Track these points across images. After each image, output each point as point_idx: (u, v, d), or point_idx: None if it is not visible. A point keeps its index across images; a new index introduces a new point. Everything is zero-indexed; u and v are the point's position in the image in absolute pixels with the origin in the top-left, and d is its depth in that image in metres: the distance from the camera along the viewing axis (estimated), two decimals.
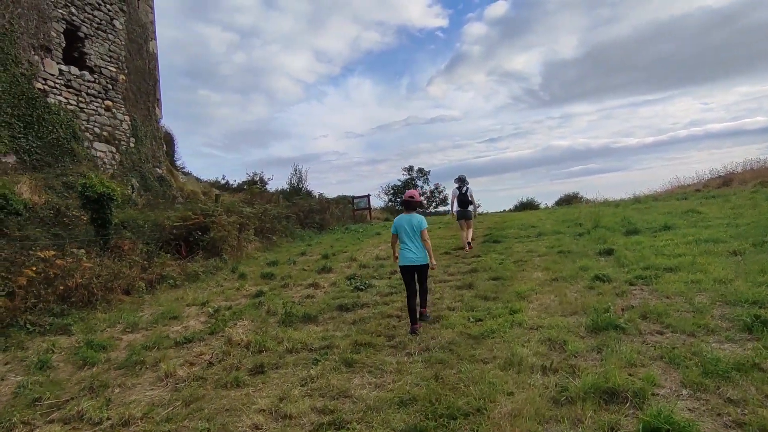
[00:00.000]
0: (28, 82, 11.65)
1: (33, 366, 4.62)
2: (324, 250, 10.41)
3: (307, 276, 8.11)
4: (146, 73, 16.12)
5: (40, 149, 11.65)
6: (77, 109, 13.07)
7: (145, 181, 14.85)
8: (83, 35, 13.54)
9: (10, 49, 11.27)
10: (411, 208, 5.20)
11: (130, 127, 15.04)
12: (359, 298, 6.40)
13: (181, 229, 9.62)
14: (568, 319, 4.49)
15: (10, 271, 6.24)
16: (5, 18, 11.23)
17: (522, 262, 7.33)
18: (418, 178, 32.72)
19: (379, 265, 8.35)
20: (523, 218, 13.90)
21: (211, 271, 8.80)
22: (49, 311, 6.20)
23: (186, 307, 6.67)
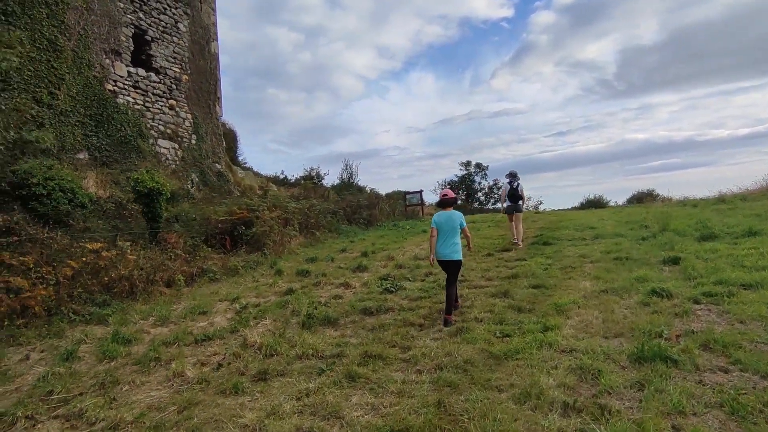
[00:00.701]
0: (100, 84, 12.50)
1: (61, 356, 4.80)
2: (365, 247, 10.17)
3: (341, 274, 7.91)
4: (207, 73, 16.80)
5: (109, 146, 12.48)
6: (143, 109, 13.87)
7: (205, 176, 15.50)
8: (150, 38, 14.33)
9: (84, 54, 12.14)
10: (447, 205, 5.43)
11: (192, 124, 15.76)
12: (386, 301, 6.06)
13: (227, 223, 9.83)
14: (610, 342, 3.84)
15: (61, 262, 6.62)
16: (80, 25, 12.10)
17: (570, 269, 6.59)
18: (476, 173, 31.59)
19: (415, 266, 7.94)
20: (582, 218, 12.76)
21: (251, 266, 8.88)
22: (92, 301, 6.51)
23: (217, 302, 6.72)
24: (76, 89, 11.77)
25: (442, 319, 4.97)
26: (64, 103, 11.39)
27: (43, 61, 11.10)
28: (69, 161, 11.16)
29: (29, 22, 10.88)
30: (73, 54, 11.83)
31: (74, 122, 11.59)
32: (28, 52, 10.83)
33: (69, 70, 11.65)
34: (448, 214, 5.33)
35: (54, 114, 11.12)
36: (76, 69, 11.84)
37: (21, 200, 9.04)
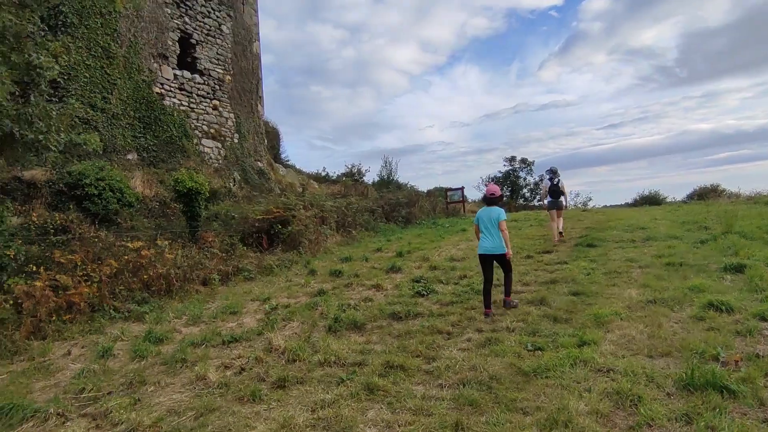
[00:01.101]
0: (148, 87, 13.04)
1: (97, 353, 4.98)
2: (401, 247, 10.00)
3: (374, 275, 7.78)
4: (250, 73, 17.15)
5: (156, 147, 13.00)
6: (188, 110, 14.35)
7: (246, 174, 15.88)
8: (195, 41, 14.78)
9: (134, 60, 12.69)
10: (492, 202, 5.63)
11: (234, 123, 16.16)
12: (416, 305, 5.87)
13: (264, 222, 9.96)
14: (655, 362, 3.45)
15: (104, 260, 6.92)
16: (131, 32, 12.66)
17: (615, 275, 6.11)
18: (520, 169, 30.44)
19: (450, 267, 7.68)
20: (634, 217, 11.91)
21: (285, 265, 8.95)
22: (132, 298, 6.76)
23: (249, 302, 6.79)
24: (126, 93, 12.33)
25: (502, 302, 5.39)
26: (115, 107, 11.97)
27: (97, 68, 11.69)
28: (119, 162, 11.74)
29: (85, 31, 11.49)
30: (125, 60, 12.40)
31: (124, 125, 12.15)
32: (84, 60, 11.45)
33: (120, 76, 12.22)
34: (488, 210, 5.54)
35: (106, 117, 11.70)
36: (126, 74, 12.41)
37: (75, 200, 9.58)
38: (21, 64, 4.78)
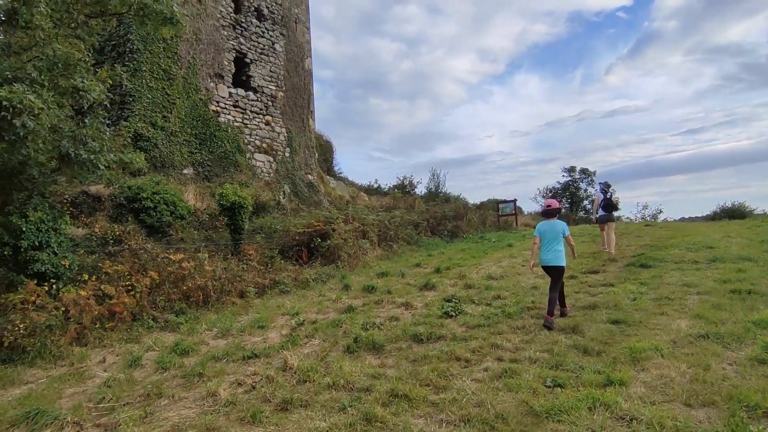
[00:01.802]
0: (205, 105, 13.83)
1: (127, 362, 5.20)
2: (440, 262, 9.70)
3: (406, 292, 7.58)
4: (301, 89, 17.71)
5: (211, 161, 13.71)
6: (242, 125, 15.04)
7: (296, 187, 16.31)
8: (249, 60, 15.51)
9: (192, 80, 13.54)
10: (551, 215, 5.75)
11: (286, 138, 16.71)
12: (441, 327, 5.60)
13: (304, 235, 10.10)
14: (692, 413, 2.97)
15: (148, 271, 7.31)
16: (190, 55, 13.53)
17: (666, 301, 5.45)
18: (581, 179, 28.70)
19: (486, 287, 7.29)
20: (703, 233, 10.70)
21: (322, 279, 8.98)
22: (171, 309, 7.07)
23: (279, 317, 6.85)
24: (184, 111, 13.15)
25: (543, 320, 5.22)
26: (174, 125, 12.79)
27: (159, 89, 12.59)
28: (176, 176, 12.49)
29: (149, 56, 12.43)
30: (184, 80, 13.26)
31: (182, 141, 12.94)
32: (147, 82, 12.37)
33: (179, 95, 13.07)
34: (551, 223, 5.65)
35: (165, 135, 12.53)
36: (185, 93, 13.24)
37: (133, 212, 10.28)
38: (68, 88, 5.15)
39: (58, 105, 5.59)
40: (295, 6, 17.60)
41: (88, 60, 5.67)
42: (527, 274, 7.79)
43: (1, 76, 4.92)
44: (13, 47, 5.34)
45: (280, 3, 16.81)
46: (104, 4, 6.36)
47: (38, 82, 5.10)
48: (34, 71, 5.12)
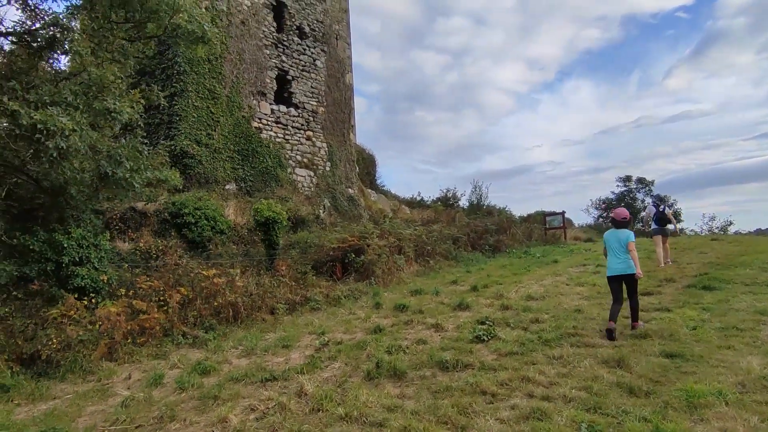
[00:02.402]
0: (247, 122, 14.19)
1: (149, 380, 5.19)
2: (478, 279, 9.21)
3: (438, 312, 7.19)
4: (342, 103, 17.83)
5: (253, 177, 13.99)
6: (283, 141, 15.29)
7: (336, 201, 16.32)
8: (291, 78, 15.82)
9: (236, 98, 13.95)
10: (619, 225, 5.77)
11: (326, 152, 16.82)
12: (470, 353, 5.19)
13: (338, 250, 9.96)
14: None
15: (181, 286, 7.40)
16: (233, 74, 13.98)
17: (734, 332, 4.73)
18: (637, 189, 26.73)
19: (524, 308, 6.76)
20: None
21: (354, 296, 8.77)
22: (201, 325, 7.09)
23: (305, 336, 6.68)
24: (227, 129, 13.54)
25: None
26: (217, 142, 13.18)
27: (203, 108, 13.05)
28: (219, 192, 12.82)
29: (195, 77, 12.94)
30: (227, 99, 13.68)
31: (225, 158, 13.30)
32: (193, 101, 12.86)
33: (223, 113, 13.48)
34: (615, 232, 5.71)
35: (209, 152, 12.93)
36: (228, 111, 13.65)
37: (176, 227, 10.60)
38: (101, 110, 5.29)
39: (92, 126, 5.76)
40: (336, 23, 17.84)
41: (121, 82, 5.83)
42: (571, 295, 7.18)
43: (40, 100, 5.11)
44: (53, 73, 5.57)
45: (321, 20, 17.09)
46: (141, 28, 6.56)
47: (73, 105, 5.27)
48: (70, 95, 5.30)
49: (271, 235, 9.43)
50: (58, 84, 5.43)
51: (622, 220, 5.76)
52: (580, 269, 9.53)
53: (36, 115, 4.68)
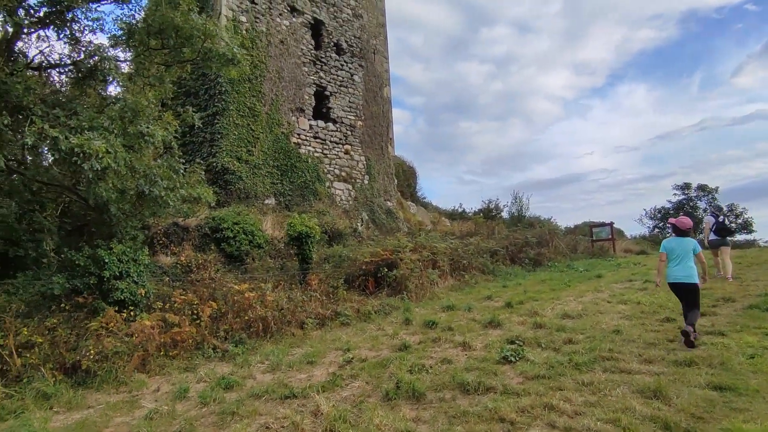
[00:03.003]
0: (286, 138, 14.58)
1: (174, 394, 5.32)
2: (514, 295, 8.83)
3: (468, 329, 6.93)
4: (380, 116, 17.95)
5: (292, 191, 14.31)
6: (322, 155, 15.57)
7: (374, 214, 16.34)
8: (329, 93, 16.14)
9: (275, 115, 14.39)
10: (681, 234, 5.69)
11: (365, 166, 16.95)
12: (495, 375, 4.93)
13: (371, 264, 9.91)
14: None
15: (214, 300, 7.60)
16: (273, 92, 14.45)
17: None
18: (698, 197, 24.71)
19: (558, 327, 6.37)
20: None
21: (385, 311, 8.65)
22: (232, 338, 7.23)
23: (331, 352, 6.63)
24: (267, 145, 13.96)
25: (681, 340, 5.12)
26: (257, 158, 13.62)
27: (244, 125, 13.55)
28: (259, 206, 13.19)
29: (236, 96, 13.48)
30: (267, 116, 14.14)
31: (264, 173, 13.70)
32: (234, 120, 13.39)
33: (263, 130, 13.94)
34: (680, 240, 5.64)
35: (249, 168, 13.37)
36: (268, 128, 14.09)
37: (215, 242, 10.99)
38: (135, 133, 5.58)
39: (130, 148, 6.07)
40: (373, 38, 18.08)
41: (155, 107, 6.12)
42: (611, 314, 6.69)
43: (80, 126, 5.45)
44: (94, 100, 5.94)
45: (359, 36, 17.38)
46: (177, 53, 6.89)
47: (109, 130, 5.57)
48: (107, 120, 5.61)
49: (304, 249, 9.54)
50: (97, 110, 5.78)
51: (686, 228, 5.67)
52: (625, 285, 8.90)
53: (74, 139, 4.97)
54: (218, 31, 6.75)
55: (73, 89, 5.93)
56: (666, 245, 5.74)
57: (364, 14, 17.79)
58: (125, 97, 5.85)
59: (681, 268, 5.46)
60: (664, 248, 5.75)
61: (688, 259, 5.46)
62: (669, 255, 5.64)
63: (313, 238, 9.62)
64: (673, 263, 5.56)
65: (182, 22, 6.44)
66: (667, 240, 5.84)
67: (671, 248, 5.63)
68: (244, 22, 13.74)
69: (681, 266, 5.47)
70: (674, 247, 5.60)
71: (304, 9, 15.59)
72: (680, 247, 5.55)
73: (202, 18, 6.53)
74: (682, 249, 5.52)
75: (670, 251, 5.64)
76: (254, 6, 14.10)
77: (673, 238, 5.75)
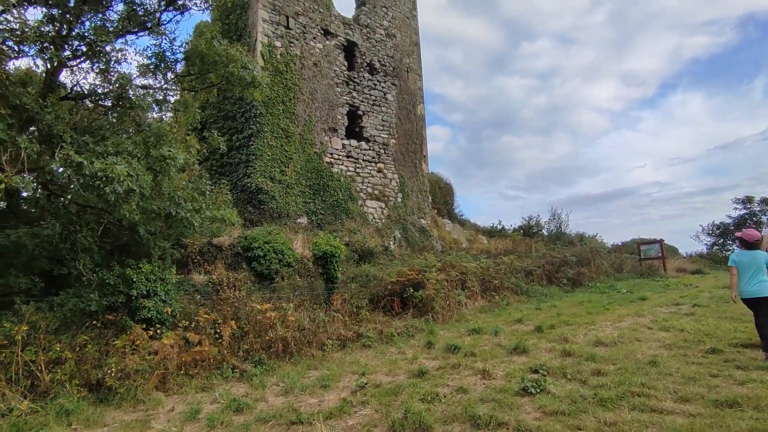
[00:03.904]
0: (319, 158, 14.80)
1: (185, 415, 5.34)
2: (546, 319, 8.32)
3: (492, 356, 6.57)
4: (413, 134, 17.89)
5: (324, 210, 14.44)
6: (354, 174, 15.66)
7: (407, 232, 16.16)
8: (361, 113, 16.30)
9: (308, 135, 14.67)
10: (750, 247, 5.53)
11: (398, 184, 16.89)
12: (510, 408, 4.58)
13: (397, 284, 9.72)
14: None
15: (237, 320, 7.68)
16: (306, 113, 14.76)
17: None
18: (762, 212, 22.56)
19: (588, 356, 5.89)
20: None
21: (409, 333, 8.41)
22: (251, 359, 7.24)
23: (347, 375, 6.47)
24: (300, 165, 14.22)
25: None
26: (290, 178, 13.88)
27: (278, 146, 13.89)
28: (292, 226, 13.38)
29: (270, 118, 13.88)
30: (300, 137, 14.43)
31: (297, 192, 13.93)
32: (268, 141, 13.76)
33: (296, 150, 14.22)
34: (751, 253, 5.47)
35: (282, 187, 13.63)
36: (301, 148, 14.37)
37: (247, 260, 11.21)
38: (157, 157, 5.79)
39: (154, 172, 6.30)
40: (406, 56, 18.18)
41: (178, 131, 6.33)
42: (649, 342, 6.12)
43: (107, 152, 5.72)
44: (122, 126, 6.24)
45: (392, 55, 17.53)
46: (203, 79, 7.16)
47: (133, 155, 5.80)
48: (131, 145, 5.86)
49: (329, 268, 9.50)
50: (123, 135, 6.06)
51: (755, 241, 5.54)
52: (670, 309, 8.16)
53: (97, 164, 5.20)
54: (240, 56, 6.94)
55: (103, 116, 6.27)
56: (736, 259, 5.58)
57: (398, 34, 17.96)
58: (149, 123, 6.11)
59: (754, 282, 5.32)
60: (733, 262, 5.59)
61: (760, 273, 5.31)
62: (739, 269, 5.48)
63: (338, 258, 9.57)
64: (744, 278, 5.41)
65: (206, 48, 6.68)
66: (736, 253, 5.67)
67: (741, 262, 5.48)
68: (279, 47, 14.20)
69: (754, 280, 5.32)
70: (744, 261, 5.44)
71: (338, 32, 15.94)
72: (751, 261, 5.40)
73: (224, 44, 6.76)
74: (754, 262, 5.38)
75: (740, 265, 5.48)
76: (289, 31, 14.57)
77: (743, 252, 5.58)
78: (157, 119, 6.44)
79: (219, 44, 6.66)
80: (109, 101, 6.42)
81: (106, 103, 6.26)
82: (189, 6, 7.04)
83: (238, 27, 14.63)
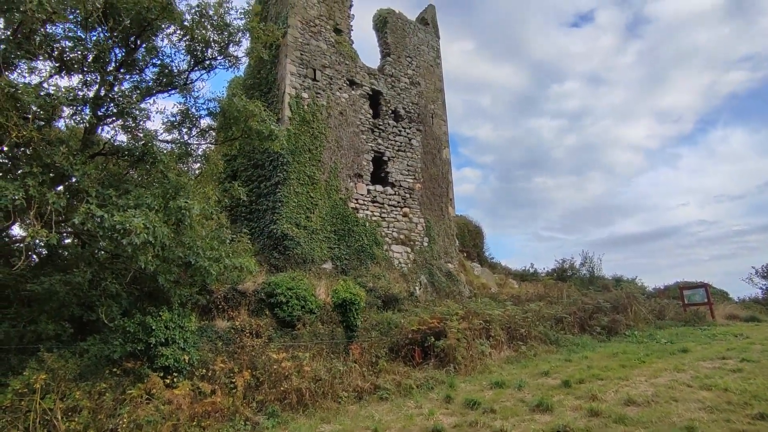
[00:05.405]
0: (344, 203, 14.99)
1: None
2: (575, 372, 7.78)
3: (513, 413, 6.15)
4: (439, 178, 17.94)
5: (349, 255, 14.45)
6: (380, 219, 15.71)
7: (433, 277, 15.86)
8: (386, 159, 16.56)
9: (333, 182, 14.97)
10: None
11: (424, 228, 16.79)
12: None
13: (418, 333, 9.44)
14: None
15: (255, 368, 7.60)
16: (332, 160, 15.14)
17: None
18: None
19: (618, 417, 5.39)
20: None
21: (428, 385, 8.05)
22: (265, 410, 7.09)
23: (358, 431, 6.20)
24: (325, 211, 14.43)
25: None
26: (315, 224, 14.06)
27: (303, 193, 14.21)
28: (316, 271, 13.42)
29: (297, 166, 14.29)
30: (326, 183, 14.74)
31: (322, 238, 14.05)
32: (294, 188, 14.11)
33: (321, 197, 14.49)
34: None
35: (307, 233, 13.81)
36: (326, 194, 14.63)
37: (269, 306, 11.24)
38: (174, 208, 6.02)
39: (173, 223, 6.53)
40: (431, 102, 18.56)
41: (199, 182, 6.59)
42: (688, 402, 5.57)
43: (128, 204, 6.01)
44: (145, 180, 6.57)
45: (416, 102, 17.94)
46: (225, 133, 7.52)
47: (151, 207, 6.06)
48: (151, 197, 6.13)
49: (348, 316, 9.37)
50: (145, 189, 6.37)
51: None
52: (715, 364, 7.45)
53: (116, 217, 5.45)
54: (259, 111, 7.26)
55: (128, 169, 6.66)
56: None
57: (422, 81, 18.44)
58: (168, 176, 6.41)
59: None
60: None
61: None
62: None
63: (357, 305, 9.44)
64: None
65: (227, 105, 7.05)
66: None
67: None
68: (306, 98, 14.83)
69: None
70: None
71: (363, 82, 16.54)
72: None
73: (243, 100, 7.11)
74: None
75: None
76: (315, 83, 15.25)
77: None
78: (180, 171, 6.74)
79: (240, 100, 7.01)
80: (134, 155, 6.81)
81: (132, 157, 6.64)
82: (215, 65, 7.50)
83: (268, 80, 15.47)
